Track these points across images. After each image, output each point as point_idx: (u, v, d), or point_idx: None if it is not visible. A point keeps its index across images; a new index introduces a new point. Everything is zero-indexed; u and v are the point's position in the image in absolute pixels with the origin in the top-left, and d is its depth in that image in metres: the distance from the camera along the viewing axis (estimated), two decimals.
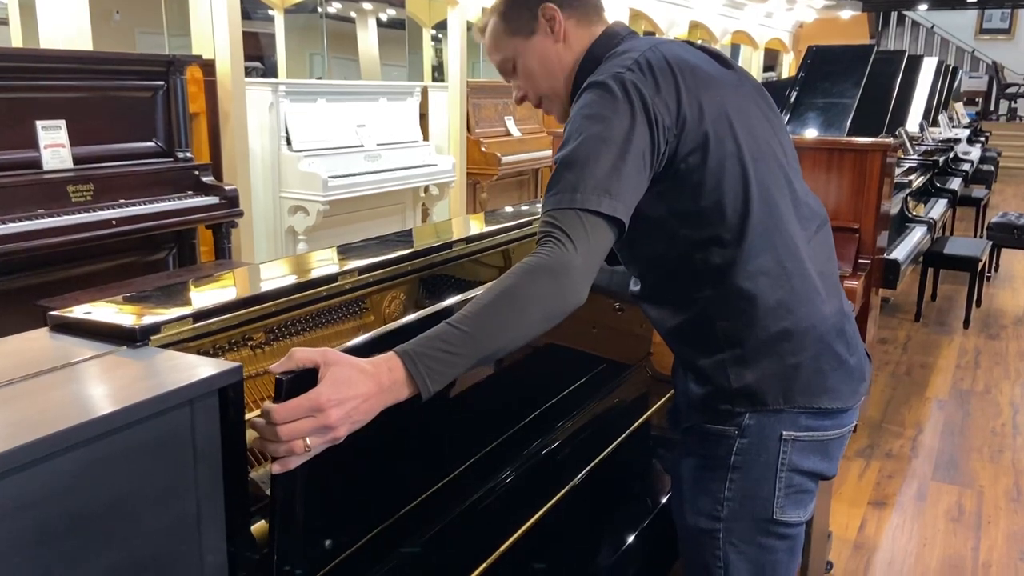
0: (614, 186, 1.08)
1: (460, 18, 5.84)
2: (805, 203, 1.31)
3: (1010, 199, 10.36)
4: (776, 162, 1.27)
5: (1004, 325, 5.19)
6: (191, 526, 0.89)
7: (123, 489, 0.82)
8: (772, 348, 1.23)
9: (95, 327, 0.99)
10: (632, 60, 1.18)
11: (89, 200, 3.40)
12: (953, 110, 9.28)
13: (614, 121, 1.11)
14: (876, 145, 3.23)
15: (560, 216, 1.06)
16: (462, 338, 0.97)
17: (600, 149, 1.09)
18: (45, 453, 0.73)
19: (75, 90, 3.44)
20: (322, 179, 4.48)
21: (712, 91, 1.22)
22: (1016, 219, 5.95)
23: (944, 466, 3.25)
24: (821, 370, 1.25)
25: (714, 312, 1.25)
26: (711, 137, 1.18)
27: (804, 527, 1.33)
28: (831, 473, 1.33)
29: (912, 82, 6.26)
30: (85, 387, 0.86)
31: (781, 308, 1.23)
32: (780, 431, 1.24)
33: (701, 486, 1.30)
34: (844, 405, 1.28)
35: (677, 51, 1.24)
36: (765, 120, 1.31)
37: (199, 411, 0.87)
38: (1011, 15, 16.94)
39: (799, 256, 1.25)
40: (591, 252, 1.06)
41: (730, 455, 1.26)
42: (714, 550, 1.29)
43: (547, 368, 1.71)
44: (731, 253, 1.21)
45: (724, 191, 1.20)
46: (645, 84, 1.14)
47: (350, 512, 1.17)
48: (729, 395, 1.25)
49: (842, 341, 1.28)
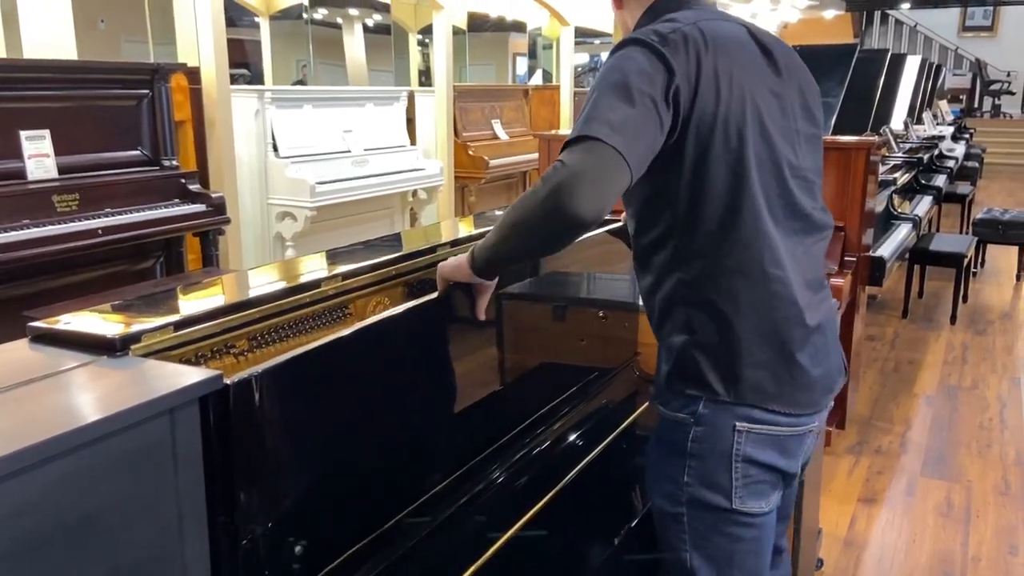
0: (619, 125, 1.11)
1: (446, 22, 5.84)
2: (805, 215, 1.31)
3: (995, 195, 10.43)
4: (779, 170, 1.27)
5: (991, 320, 5.22)
6: (174, 535, 0.89)
7: (105, 499, 0.81)
8: (733, 345, 1.25)
9: (75, 337, 0.99)
10: (672, 28, 1.21)
11: (75, 210, 3.39)
12: (937, 107, 9.34)
13: (637, 77, 1.15)
14: (860, 143, 3.25)
15: (568, 146, 1.12)
16: (492, 234, 1.21)
17: (615, 97, 1.13)
18: (24, 465, 0.73)
19: (59, 99, 3.43)
20: (309, 185, 4.48)
21: (741, 83, 1.23)
22: (1001, 215, 5.99)
23: (933, 462, 3.26)
24: (777, 375, 1.26)
25: (686, 295, 1.28)
26: (719, 126, 1.20)
27: (771, 517, 1.35)
28: (791, 470, 1.34)
29: (896, 80, 6.29)
30: (64, 398, 0.86)
31: (750, 309, 1.24)
32: (733, 422, 1.27)
33: (663, 470, 1.34)
34: (797, 412, 1.29)
35: (724, 34, 1.26)
36: (792, 127, 1.30)
37: (179, 420, 0.87)
38: (993, 12, 17.06)
39: (782, 263, 1.26)
40: (583, 169, 1.09)
41: (687, 442, 1.29)
42: (680, 533, 1.33)
43: (541, 380, 1.73)
44: (713, 243, 1.24)
45: (718, 181, 1.22)
46: (675, 55, 1.17)
47: (343, 515, 1.17)
48: (685, 377, 1.29)
49: (809, 352, 1.29)
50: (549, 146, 3.68)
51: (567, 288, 1.86)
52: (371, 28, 6.39)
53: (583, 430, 1.75)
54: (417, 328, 1.29)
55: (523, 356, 1.67)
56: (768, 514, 1.33)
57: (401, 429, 1.28)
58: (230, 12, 5.04)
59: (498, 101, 6.71)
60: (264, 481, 1.01)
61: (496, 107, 6.64)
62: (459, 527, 1.36)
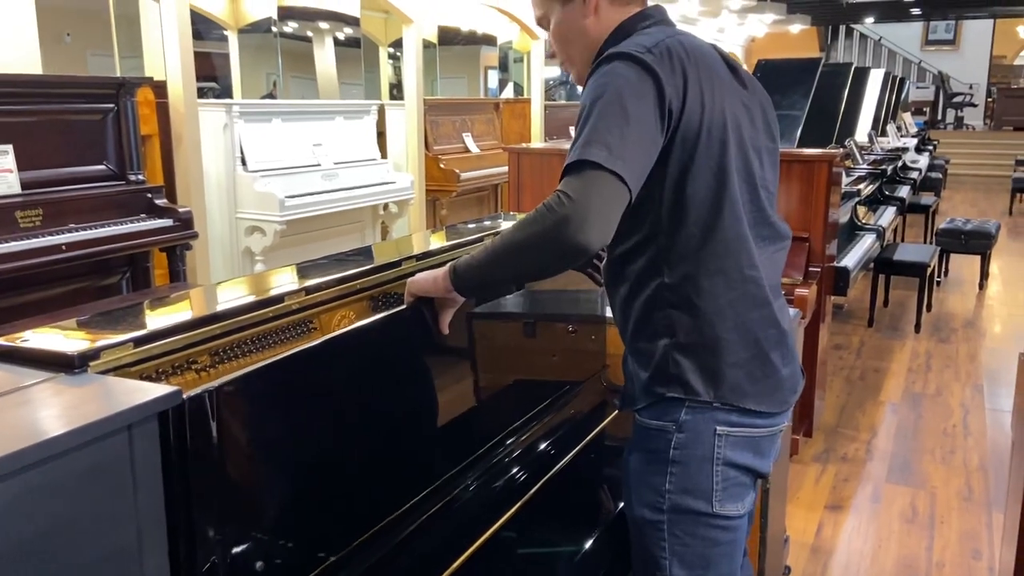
0: (618, 148, 1.13)
1: (416, 36, 5.86)
2: (770, 224, 1.37)
3: (958, 205, 10.63)
4: (751, 179, 1.32)
5: (954, 328, 5.32)
6: (133, 552, 0.88)
7: (62, 517, 0.81)
8: (714, 344, 1.29)
9: (32, 354, 0.98)
10: (654, 42, 1.23)
11: (38, 225, 3.34)
12: (901, 120, 9.51)
13: (629, 91, 1.17)
14: (823, 156, 3.31)
15: (566, 173, 1.15)
16: (482, 253, 1.23)
17: (611, 116, 1.15)
18: None
19: (23, 114, 3.39)
20: (279, 199, 4.46)
21: (719, 95, 1.27)
22: (963, 225, 6.11)
23: (898, 468, 3.31)
24: (753, 375, 1.31)
25: (668, 299, 1.30)
26: (703, 134, 1.24)
27: (744, 520, 1.39)
28: (764, 470, 1.38)
29: (860, 93, 6.41)
30: (22, 414, 0.85)
31: (730, 309, 1.29)
32: (714, 426, 1.31)
33: (644, 479, 1.36)
34: (769, 410, 1.34)
35: (699, 47, 1.29)
36: (758, 141, 1.36)
37: (138, 436, 0.87)
38: (955, 27, 17.45)
39: (756, 266, 1.31)
40: (586, 198, 1.11)
41: (669, 449, 1.32)
42: (659, 541, 1.35)
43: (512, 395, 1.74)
44: (695, 247, 1.27)
45: (701, 187, 1.25)
46: (662, 67, 1.20)
47: (307, 532, 1.16)
48: (666, 380, 1.31)
49: (779, 352, 1.35)
50: (519, 160, 3.70)
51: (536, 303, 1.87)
52: (342, 41, 6.38)
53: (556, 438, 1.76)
54: (381, 341, 1.30)
55: (494, 371, 1.67)
56: (743, 516, 1.37)
57: (365, 443, 1.28)
58: (198, 26, 5.01)
59: (469, 114, 6.73)
60: (224, 496, 1.00)
61: (467, 120, 6.66)
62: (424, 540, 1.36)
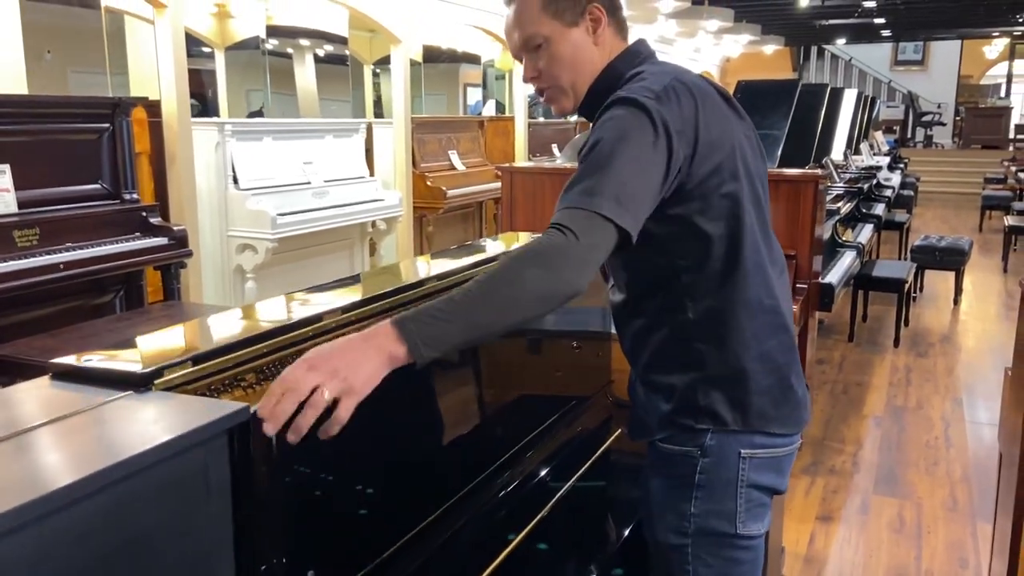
0: (627, 198, 1.15)
1: (404, 56, 5.94)
2: (777, 248, 1.42)
3: (930, 222, 10.87)
4: (761, 208, 1.37)
5: (931, 343, 5.46)
6: (204, 559, 0.93)
7: (144, 530, 0.85)
8: (740, 375, 1.33)
9: (98, 374, 1.02)
10: (662, 86, 1.24)
11: (35, 244, 3.35)
12: (873, 138, 9.73)
13: (639, 141, 1.18)
14: (809, 176, 3.42)
15: (571, 214, 1.13)
16: (452, 306, 1.05)
17: (623, 163, 1.16)
18: (69, 500, 0.77)
19: (19, 134, 3.40)
20: (270, 217, 4.49)
21: (727, 130, 1.31)
22: (937, 242, 6.27)
23: (884, 480, 3.40)
24: (776, 400, 1.35)
25: (693, 333, 1.33)
26: (718, 171, 1.27)
27: (764, 539, 1.42)
28: (783, 488, 1.43)
29: (835, 113, 6.56)
30: (105, 431, 0.89)
31: (754, 340, 1.33)
32: (739, 449, 1.34)
33: (669, 504, 1.38)
34: (791, 431, 1.39)
35: (702, 86, 1.32)
36: (760, 168, 1.41)
37: (211, 451, 0.91)
38: (923, 47, 17.90)
39: (775, 294, 1.36)
40: (591, 247, 1.12)
41: (694, 474, 1.34)
42: (683, 564, 1.37)
43: (518, 412, 1.78)
44: (719, 281, 1.31)
45: (720, 222, 1.29)
46: (671, 113, 1.21)
47: (353, 541, 1.21)
48: (695, 412, 1.34)
49: (795, 373, 1.40)
50: (512, 179, 3.77)
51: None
52: (322, 58, 6.44)
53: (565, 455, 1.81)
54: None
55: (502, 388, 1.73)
56: (763, 536, 1.40)
57: (409, 451, 1.33)
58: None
59: (454, 132, 6.80)
60: (282, 508, 1.05)
61: (452, 138, 6.74)
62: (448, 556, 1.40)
